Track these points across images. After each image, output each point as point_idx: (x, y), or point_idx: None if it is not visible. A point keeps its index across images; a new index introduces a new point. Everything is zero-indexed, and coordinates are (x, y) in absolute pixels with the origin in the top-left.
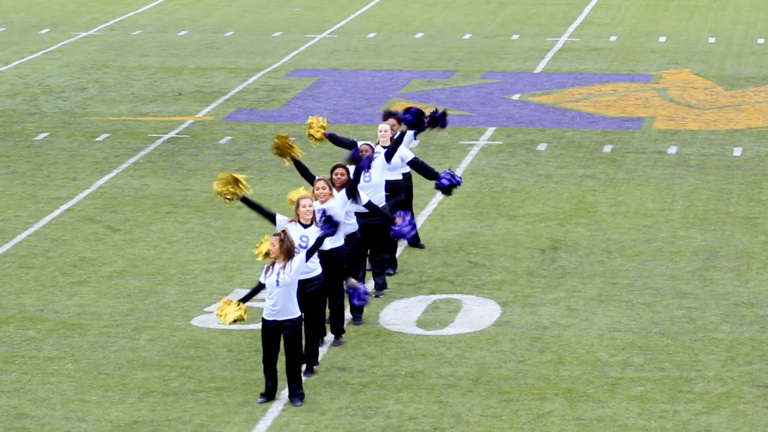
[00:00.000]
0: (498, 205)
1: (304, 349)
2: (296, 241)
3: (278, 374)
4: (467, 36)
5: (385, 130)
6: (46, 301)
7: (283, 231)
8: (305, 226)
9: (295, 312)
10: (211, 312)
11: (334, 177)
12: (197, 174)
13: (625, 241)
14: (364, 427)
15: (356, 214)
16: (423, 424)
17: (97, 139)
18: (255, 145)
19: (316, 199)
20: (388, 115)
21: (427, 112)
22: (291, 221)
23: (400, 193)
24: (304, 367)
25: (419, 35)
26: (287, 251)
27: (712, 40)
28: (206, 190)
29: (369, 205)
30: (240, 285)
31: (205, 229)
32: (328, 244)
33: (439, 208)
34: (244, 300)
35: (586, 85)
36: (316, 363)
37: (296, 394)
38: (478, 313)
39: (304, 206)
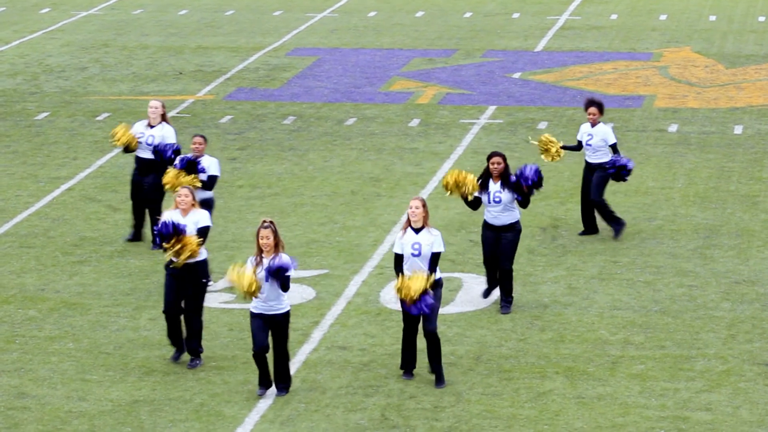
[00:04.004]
0: None
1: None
2: (408, 250)
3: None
4: (468, 14)
5: (156, 107)
6: (47, 281)
7: (272, 222)
8: (416, 231)
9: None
10: (215, 291)
11: (491, 166)
12: None
13: (626, 220)
14: (365, 406)
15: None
16: (423, 402)
17: (98, 118)
18: (255, 124)
19: (176, 208)
20: (590, 104)
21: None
22: (403, 228)
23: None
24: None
25: (420, 14)
26: (277, 246)
27: (712, 18)
28: None
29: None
30: (241, 264)
31: None
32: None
33: (440, 188)
34: None
35: (586, 63)
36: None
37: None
38: (478, 291)
39: (413, 207)
